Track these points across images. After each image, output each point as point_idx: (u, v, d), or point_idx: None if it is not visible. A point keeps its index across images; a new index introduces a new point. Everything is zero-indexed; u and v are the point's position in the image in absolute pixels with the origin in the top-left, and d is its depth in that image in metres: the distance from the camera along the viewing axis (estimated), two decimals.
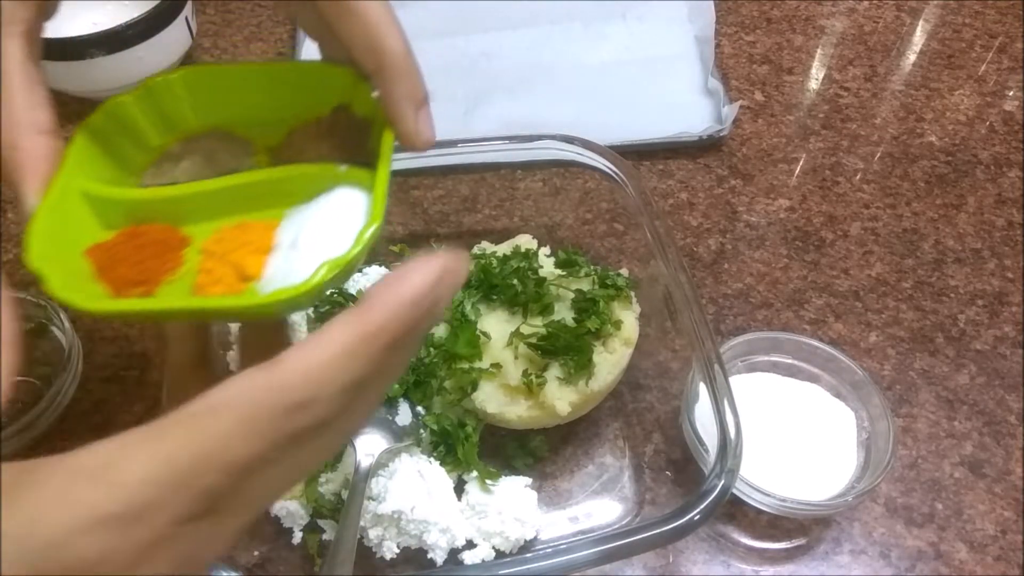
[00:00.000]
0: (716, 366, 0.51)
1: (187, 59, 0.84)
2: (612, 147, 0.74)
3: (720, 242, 0.72)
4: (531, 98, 0.82)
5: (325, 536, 0.53)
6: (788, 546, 0.56)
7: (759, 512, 0.55)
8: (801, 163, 0.78)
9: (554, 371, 0.55)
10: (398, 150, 0.34)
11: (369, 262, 0.65)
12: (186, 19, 0.80)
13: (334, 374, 0.24)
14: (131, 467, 0.22)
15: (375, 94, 0.35)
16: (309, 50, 0.84)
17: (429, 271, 0.26)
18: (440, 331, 0.57)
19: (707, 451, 0.52)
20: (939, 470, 0.59)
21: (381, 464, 0.53)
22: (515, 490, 0.54)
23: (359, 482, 0.51)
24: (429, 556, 0.52)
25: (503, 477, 0.55)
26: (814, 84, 0.86)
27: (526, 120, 0.80)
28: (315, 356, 0.24)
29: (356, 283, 0.63)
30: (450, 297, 0.28)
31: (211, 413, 0.23)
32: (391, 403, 0.55)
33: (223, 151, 0.38)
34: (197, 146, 0.38)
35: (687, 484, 0.56)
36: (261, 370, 0.24)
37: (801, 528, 0.56)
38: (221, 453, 0.23)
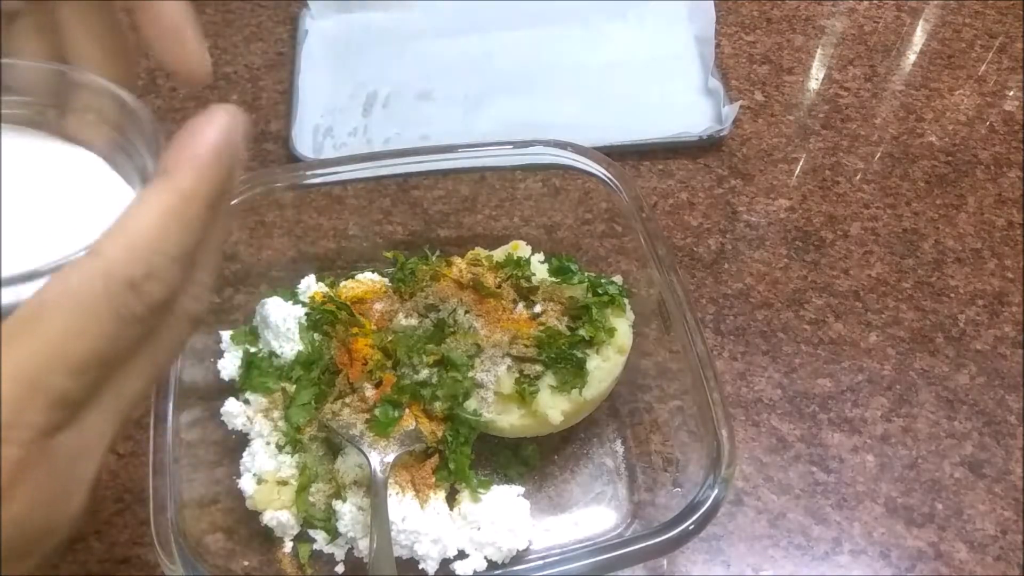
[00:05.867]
0: (709, 372, 0.51)
1: None
2: (612, 147, 0.74)
3: (720, 242, 0.72)
4: (532, 98, 0.82)
5: (316, 546, 0.53)
6: (788, 546, 0.56)
7: (759, 512, 0.55)
8: (801, 163, 0.78)
9: (547, 379, 0.55)
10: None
11: (363, 268, 0.65)
12: None
13: (159, 244, 0.23)
14: None
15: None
16: (310, 50, 0.84)
17: (219, 122, 0.25)
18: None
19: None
20: (939, 470, 0.59)
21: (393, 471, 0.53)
22: (507, 500, 0.54)
23: (380, 490, 0.51)
24: (421, 566, 0.52)
25: (495, 486, 0.55)
26: (814, 84, 0.86)
27: (527, 120, 0.80)
28: (135, 230, 0.23)
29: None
30: (242, 143, 0.26)
31: (42, 315, 0.22)
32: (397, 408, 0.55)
33: None
34: None
35: (686, 484, 0.56)
36: (84, 257, 0.22)
37: (801, 528, 0.56)
38: (62, 355, 0.21)
